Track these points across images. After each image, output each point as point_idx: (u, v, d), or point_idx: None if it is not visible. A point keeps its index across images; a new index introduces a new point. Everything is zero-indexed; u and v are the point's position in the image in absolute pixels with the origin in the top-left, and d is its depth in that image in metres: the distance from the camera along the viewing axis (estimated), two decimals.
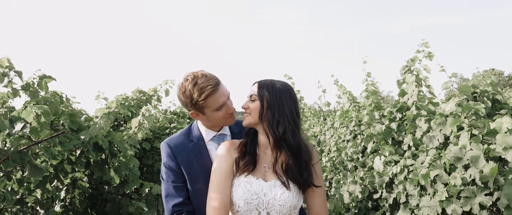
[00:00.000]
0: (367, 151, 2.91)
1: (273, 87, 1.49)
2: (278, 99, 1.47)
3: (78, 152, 2.53)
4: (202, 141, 1.68)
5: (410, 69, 2.76)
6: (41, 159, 2.43)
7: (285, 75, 7.09)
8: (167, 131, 4.88)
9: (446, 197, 1.82)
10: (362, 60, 3.69)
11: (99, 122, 2.56)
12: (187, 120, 5.83)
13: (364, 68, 3.74)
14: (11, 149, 1.98)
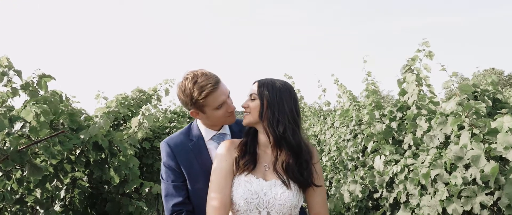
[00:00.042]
0: (368, 150, 2.91)
1: (273, 86, 1.48)
2: (278, 98, 1.46)
3: (77, 152, 2.52)
4: (202, 141, 1.67)
5: (411, 68, 2.76)
6: (40, 158, 2.42)
7: (285, 74, 7.08)
8: (167, 130, 4.87)
9: (446, 197, 1.82)
10: (362, 59, 3.69)
11: (98, 122, 2.55)
12: (187, 119, 5.83)
13: (364, 68, 3.74)
14: (10, 149, 1.98)
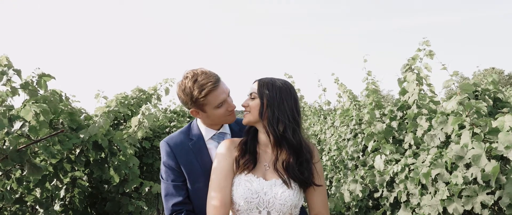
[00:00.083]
0: (368, 149, 2.90)
1: (273, 85, 1.47)
2: (278, 97, 1.45)
3: (77, 151, 2.52)
4: (202, 140, 1.66)
5: (411, 67, 2.75)
6: (40, 158, 2.42)
7: (285, 74, 7.08)
8: (167, 130, 4.87)
9: (447, 196, 1.81)
10: (362, 58, 3.68)
11: (98, 121, 2.55)
12: (187, 119, 5.83)
13: (364, 67, 3.73)
14: (10, 148, 1.97)
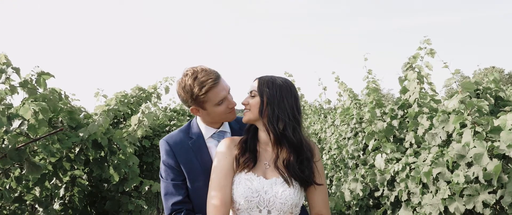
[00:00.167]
0: (369, 148, 2.89)
1: (273, 83, 1.46)
2: (278, 95, 1.44)
3: (77, 150, 2.51)
4: (202, 139, 1.65)
5: (412, 66, 2.74)
6: (39, 156, 2.41)
7: (285, 72, 7.06)
8: (167, 128, 4.86)
9: (448, 195, 1.80)
10: (362, 57, 3.67)
11: (98, 119, 2.54)
12: (187, 117, 5.81)
13: (365, 65, 3.72)
14: (9, 147, 1.96)
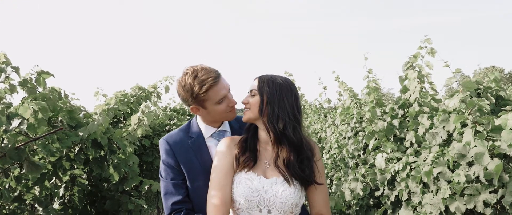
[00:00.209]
0: (369, 148, 2.89)
1: (273, 82, 1.46)
2: (278, 94, 1.44)
3: (76, 149, 2.50)
4: (202, 138, 1.64)
5: (412, 65, 2.73)
6: (39, 156, 2.40)
7: (285, 72, 7.05)
8: (167, 128, 4.85)
9: (449, 195, 1.80)
10: (363, 56, 3.67)
11: (97, 119, 2.53)
12: (187, 117, 5.81)
13: (365, 65, 3.72)
14: (8, 146, 1.95)
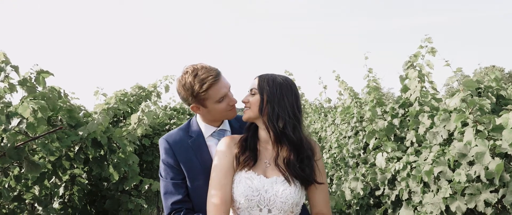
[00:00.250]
0: (369, 147, 2.88)
1: (274, 81, 1.45)
2: (278, 93, 1.43)
3: (76, 148, 2.50)
4: (202, 137, 1.64)
5: (413, 64, 2.73)
6: (39, 155, 2.40)
7: (285, 71, 7.05)
8: (167, 127, 4.85)
9: (450, 194, 1.79)
10: (363, 56, 3.66)
11: (97, 118, 2.52)
12: (187, 116, 5.80)
13: (365, 64, 3.72)
14: (7, 145, 1.95)
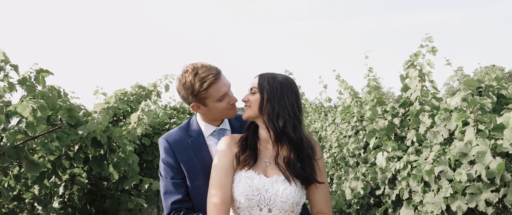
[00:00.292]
0: (370, 146, 2.87)
1: (274, 80, 1.44)
2: (278, 91, 1.42)
3: (76, 148, 2.49)
4: (202, 136, 1.63)
5: (413, 63, 2.72)
6: (38, 154, 2.39)
7: (285, 70, 7.04)
8: (166, 126, 4.84)
9: (451, 194, 1.78)
10: (363, 55, 3.65)
11: (97, 117, 2.52)
12: (187, 115, 5.80)
13: (366, 63, 3.70)
14: (7, 145, 1.94)
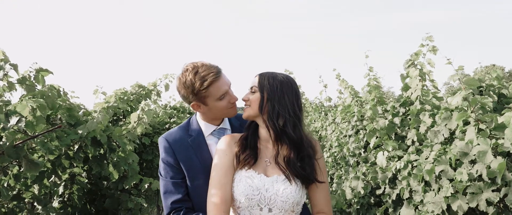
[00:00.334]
0: (370, 146, 2.87)
1: (274, 79, 1.44)
2: (279, 90, 1.42)
3: (76, 147, 2.49)
4: (202, 136, 1.63)
5: (414, 63, 2.71)
6: (38, 154, 2.39)
7: (285, 70, 7.03)
8: (166, 126, 4.84)
9: (451, 193, 1.78)
10: (363, 54, 3.64)
11: (97, 117, 2.51)
12: (187, 115, 5.79)
13: (366, 63, 3.70)
14: (6, 144, 1.94)
